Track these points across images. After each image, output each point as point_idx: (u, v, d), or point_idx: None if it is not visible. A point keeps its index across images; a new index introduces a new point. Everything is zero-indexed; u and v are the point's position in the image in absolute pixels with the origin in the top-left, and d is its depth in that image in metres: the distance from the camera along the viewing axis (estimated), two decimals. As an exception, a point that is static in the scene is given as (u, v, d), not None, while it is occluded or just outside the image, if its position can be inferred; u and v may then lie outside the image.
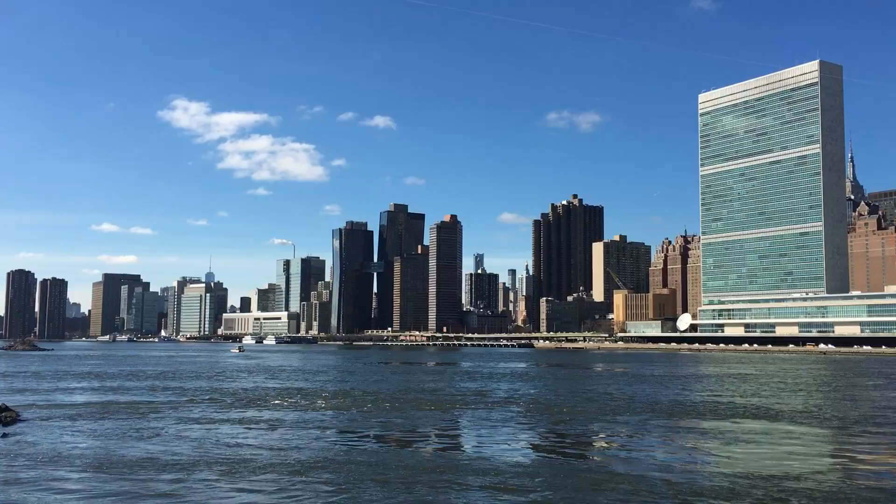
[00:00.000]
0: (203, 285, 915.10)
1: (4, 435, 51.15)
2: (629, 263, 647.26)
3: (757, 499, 33.34)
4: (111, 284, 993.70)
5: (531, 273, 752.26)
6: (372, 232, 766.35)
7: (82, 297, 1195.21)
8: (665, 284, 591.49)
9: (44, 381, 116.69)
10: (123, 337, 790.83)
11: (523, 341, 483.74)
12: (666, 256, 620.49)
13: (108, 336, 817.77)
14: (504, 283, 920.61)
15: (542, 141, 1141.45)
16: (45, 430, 54.26)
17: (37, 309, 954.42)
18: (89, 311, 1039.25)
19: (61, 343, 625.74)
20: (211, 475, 37.96)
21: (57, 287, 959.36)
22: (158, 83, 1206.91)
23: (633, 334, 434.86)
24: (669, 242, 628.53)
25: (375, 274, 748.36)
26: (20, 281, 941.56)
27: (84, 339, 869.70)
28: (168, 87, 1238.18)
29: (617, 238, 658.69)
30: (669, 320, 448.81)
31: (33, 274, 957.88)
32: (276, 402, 79.29)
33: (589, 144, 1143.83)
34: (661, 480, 37.14)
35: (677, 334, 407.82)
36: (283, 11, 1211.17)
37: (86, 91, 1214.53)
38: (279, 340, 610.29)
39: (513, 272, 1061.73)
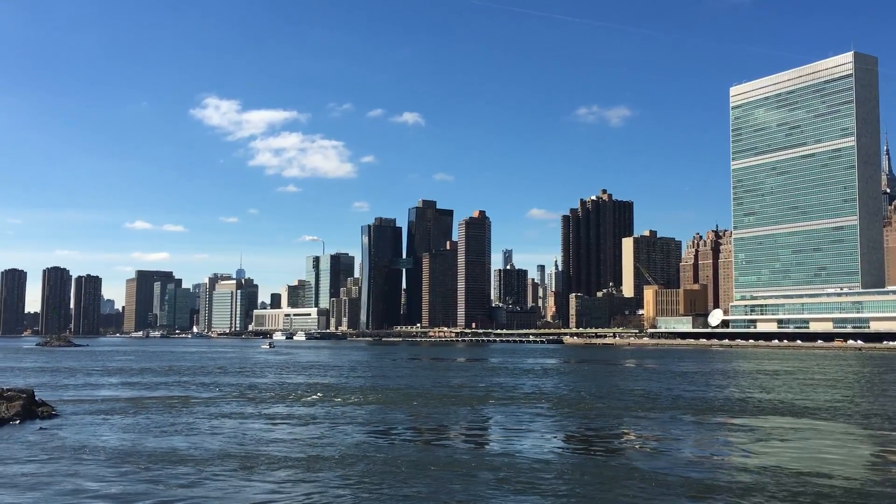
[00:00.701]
0: (234, 282, 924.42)
1: (42, 429, 52.29)
2: (659, 259, 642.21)
3: (784, 496, 33.09)
4: (144, 281, 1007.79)
5: (560, 269, 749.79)
6: (400, 228, 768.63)
7: (116, 293, 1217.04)
8: (696, 280, 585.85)
9: (79, 376, 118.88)
10: (156, 333, 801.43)
11: (552, 337, 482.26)
12: (697, 252, 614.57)
13: (141, 332, 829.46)
14: (533, 279, 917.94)
15: (572, 136, 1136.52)
16: (80, 425, 55.37)
17: (72, 305, 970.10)
18: (123, 307, 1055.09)
19: (96, 339, 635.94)
20: (240, 470, 38.53)
21: (91, 284, 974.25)
22: (190, 82, 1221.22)
23: (663, 330, 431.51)
24: (700, 237, 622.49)
25: (404, 270, 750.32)
26: (56, 278, 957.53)
27: (118, 335, 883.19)
28: (200, 86, 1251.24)
29: (647, 233, 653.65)
30: (700, 316, 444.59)
31: (68, 271, 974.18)
32: (306, 397, 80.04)
33: (619, 139, 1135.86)
34: (688, 477, 36.99)
35: (708, 330, 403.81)
36: (313, 9, 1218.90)
37: (119, 91, 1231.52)
38: (309, 336, 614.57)
39: (541, 268, 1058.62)
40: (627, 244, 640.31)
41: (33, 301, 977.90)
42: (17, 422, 54.45)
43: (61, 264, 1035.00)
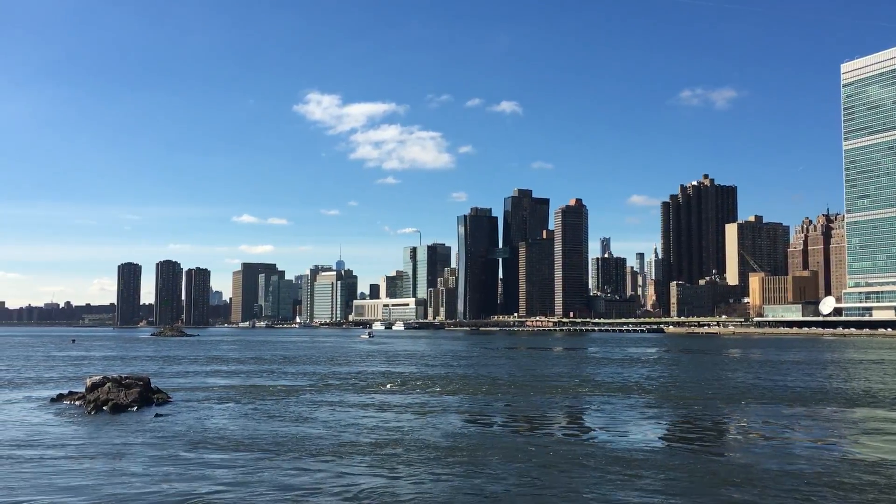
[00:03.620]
0: (334, 273, 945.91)
1: (157, 415, 54.84)
2: (765, 245, 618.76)
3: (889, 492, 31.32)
4: (249, 273, 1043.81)
5: (660, 256, 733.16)
6: (496, 218, 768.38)
7: (224, 285, 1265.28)
8: (805, 266, 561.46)
9: (190, 364, 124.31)
10: (262, 323, 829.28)
11: (652, 326, 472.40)
12: (806, 237, 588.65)
13: (247, 322, 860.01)
14: (632, 267, 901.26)
15: (675, 120, 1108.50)
16: (193, 411, 57.81)
17: (183, 297, 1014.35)
18: (230, 298, 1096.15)
19: (205, 329, 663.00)
20: (344, 457, 39.34)
21: (201, 276, 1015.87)
22: (293, 79, 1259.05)
23: (770, 319, 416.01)
24: (810, 222, 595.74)
25: (500, 260, 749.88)
26: (168, 271, 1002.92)
27: (226, 325, 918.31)
28: (302, 82, 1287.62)
29: (752, 219, 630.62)
30: (810, 304, 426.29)
31: (179, 264, 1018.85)
32: (405, 386, 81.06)
33: (724, 122, 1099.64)
34: (793, 472, 35.50)
35: (819, 319, 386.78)
36: (410, 1, 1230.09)
37: (227, 90, 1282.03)
38: (407, 326, 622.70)
39: (640, 256, 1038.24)
40: (731, 230, 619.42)
41: (148, 293, 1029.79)
42: (135, 408, 57.28)
43: (173, 258, 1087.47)
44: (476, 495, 31.62)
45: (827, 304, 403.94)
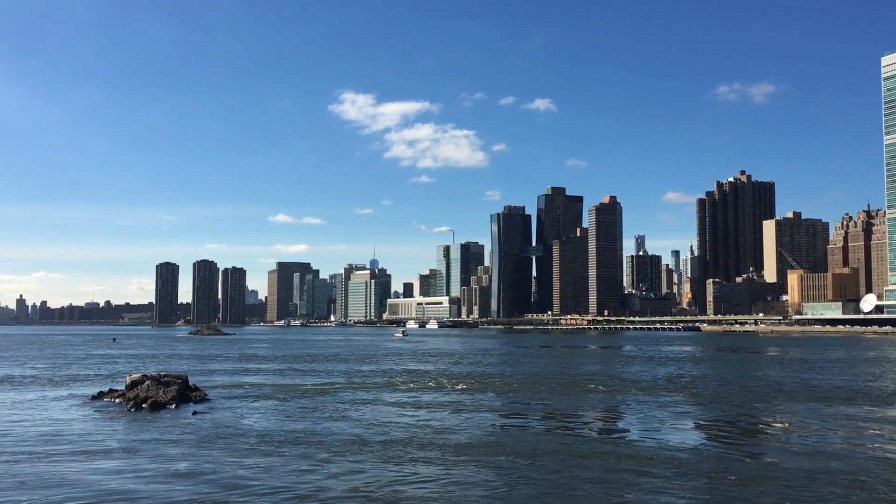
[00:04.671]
0: (368, 272, 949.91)
1: (195, 413, 55.58)
2: (804, 242, 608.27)
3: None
4: (284, 272, 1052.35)
5: (696, 254, 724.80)
6: (529, 216, 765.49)
7: (259, 284, 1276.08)
8: (845, 263, 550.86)
9: (228, 362, 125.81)
10: (296, 322, 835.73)
11: (688, 325, 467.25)
12: (846, 233, 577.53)
13: (282, 321, 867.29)
14: (667, 265, 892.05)
15: (711, 116, 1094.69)
16: (230, 409, 58.51)
17: (219, 296, 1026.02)
18: (265, 297, 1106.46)
19: (242, 328, 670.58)
20: (378, 455, 39.55)
21: (237, 276, 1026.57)
22: (328, 79, 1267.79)
23: (809, 317, 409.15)
24: (850, 218, 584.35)
25: (534, 258, 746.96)
26: (205, 270, 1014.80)
27: (261, 323, 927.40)
28: (337, 82, 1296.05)
29: (790, 215, 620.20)
30: (851, 302, 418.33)
31: (216, 264, 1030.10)
32: (441, 384, 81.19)
33: (761, 117, 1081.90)
34: (833, 473, 34.89)
35: (860, 316, 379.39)
36: (445, 0, 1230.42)
37: (263, 91, 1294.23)
38: (441, 325, 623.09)
39: (676, 253, 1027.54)
40: (769, 227, 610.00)
41: (185, 292, 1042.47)
42: (173, 406, 58.12)
43: (210, 257, 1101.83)
44: (510, 495, 31.57)
45: (868, 302, 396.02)
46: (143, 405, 57.69)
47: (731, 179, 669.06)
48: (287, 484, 32.99)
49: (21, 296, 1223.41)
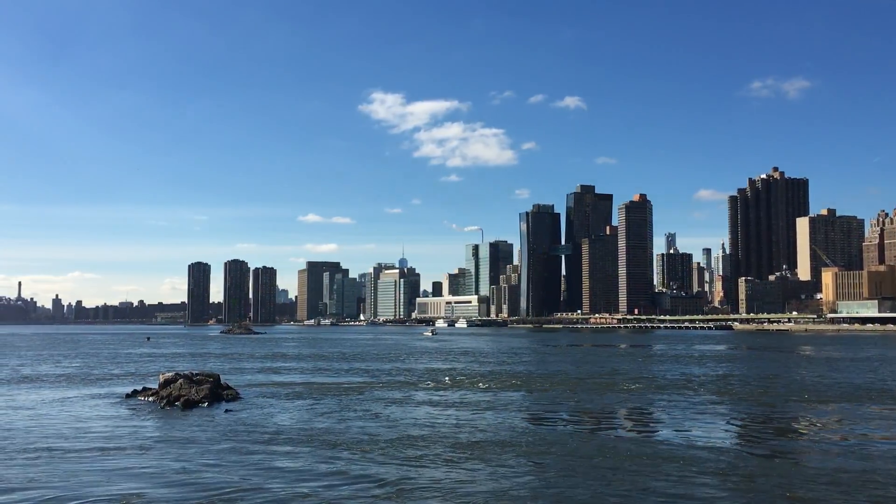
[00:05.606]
0: (397, 271, 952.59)
1: (227, 411, 56.15)
2: (839, 239, 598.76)
3: None
4: (314, 271, 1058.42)
5: (728, 252, 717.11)
6: (558, 214, 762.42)
7: (289, 283, 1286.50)
8: (881, 261, 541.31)
9: (259, 361, 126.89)
10: (326, 321, 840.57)
11: (720, 323, 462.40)
12: (882, 230, 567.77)
13: (313, 320, 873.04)
14: (698, 263, 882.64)
15: (744, 112, 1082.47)
16: (261, 407, 59.01)
17: (250, 295, 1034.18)
18: (295, 296, 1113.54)
19: (272, 327, 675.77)
20: (409, 453, 39.61)
21: (267, 275, 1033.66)
22: (358, 79, 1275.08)
23: (844, 315, 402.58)
24: (886, 215, 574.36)
25: (563, 256, 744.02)
26: (236, 270, 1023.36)
27: (291, 322, 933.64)
28: (367, 82, 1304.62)
29: (824, 212, 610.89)
30: (887, 300, 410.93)
31: (247, 263, 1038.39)
32: (469, 382, 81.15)
33: (795, 113, 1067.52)
34: (867, 474, 34.29)
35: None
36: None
37: (293, 92, 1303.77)
38: (470, 324, 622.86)
39: (707, 251, 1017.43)
40: (802, 224, 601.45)
41: (217, 292, 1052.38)
42: (206, 404, 58.76)
43: (241, 257, 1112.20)
44: (541, 494, 31.47)
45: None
46: (176, 403, 58.39)
47: (763, 176, 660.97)
48: (315, 480, 33.20)
49: (57, 295, 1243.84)
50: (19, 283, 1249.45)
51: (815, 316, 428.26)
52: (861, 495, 30.64)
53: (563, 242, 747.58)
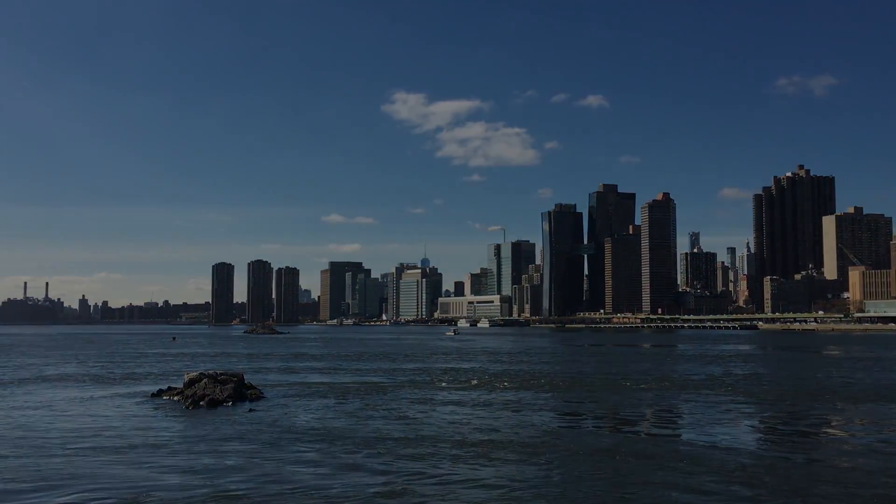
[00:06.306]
0: (419, 271, 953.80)
1: (251, 410, 56.48)
2: (866, 238, 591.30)
3: None
4: (337, 271, 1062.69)
5: (752, 251, 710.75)
6: (581, 214, 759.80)
7: (312, 283, 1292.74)
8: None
9: (282, 361, 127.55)
10: (349, 321, 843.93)
11: (745, 323, 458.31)
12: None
13: (335, 320, 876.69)
14: (722, 262, 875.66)
15: (769, 109, 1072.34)
16: (285, 407, 59.29)
17: (273, 296, 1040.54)
18: (318, 296, 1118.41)
19: (295, 327, 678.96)
20: (431, 452, 39.60)
21: (290, 275, 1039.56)
22: (380, 79, 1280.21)
23: (872, 315, 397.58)
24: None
25: (586, 256, 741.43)
26: (259, 270, 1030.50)
27: (314, 322, 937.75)
28: (389, 82, 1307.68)
29: (851, 210, 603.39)
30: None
31: (270, 263, 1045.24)
32: (493, 382, 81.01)
33: (821, 110, 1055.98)
34: (890, 472, 33.80)
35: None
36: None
37: (316, 92, 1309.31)
38: (492, 323, 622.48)
39: (731, 250, 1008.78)
40: (828, 223, 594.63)
41: (240, 292, 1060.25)
42: (230, 403, 59.15)
43: (264, 257, 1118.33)
44: (563, 494, 31.33)
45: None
46: (201, 403, 58.83)
47: (789, 174, 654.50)
48: (338, 479, 33.30)
49: (83, 296, 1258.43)
50: (46, 284, 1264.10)
51: (842, 315, 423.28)
52: (887, 500, 30.19)
53: (585, 242, 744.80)
